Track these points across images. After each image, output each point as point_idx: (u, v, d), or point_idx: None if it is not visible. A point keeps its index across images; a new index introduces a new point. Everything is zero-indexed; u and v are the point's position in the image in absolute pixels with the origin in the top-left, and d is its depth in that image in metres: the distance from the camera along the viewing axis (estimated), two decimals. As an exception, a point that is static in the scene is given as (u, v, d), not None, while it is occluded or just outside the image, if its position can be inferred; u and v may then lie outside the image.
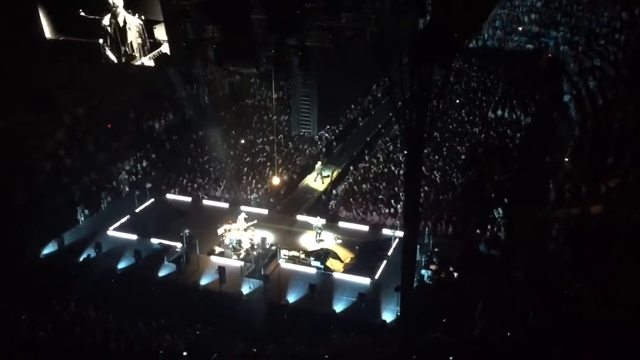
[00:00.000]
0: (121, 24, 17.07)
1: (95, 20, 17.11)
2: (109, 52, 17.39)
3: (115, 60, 17.32)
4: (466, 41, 32.80)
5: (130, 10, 17.10)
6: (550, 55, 43.16)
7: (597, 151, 24.82)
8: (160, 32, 17.35)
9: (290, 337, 17.69)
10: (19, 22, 22.03)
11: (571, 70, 37.94)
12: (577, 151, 26.75)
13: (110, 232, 24.56)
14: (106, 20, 17.12)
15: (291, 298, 20.56)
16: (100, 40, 17.21)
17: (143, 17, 17.05)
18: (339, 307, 20.10)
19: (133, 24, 17.14)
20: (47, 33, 17.88)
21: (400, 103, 15.85)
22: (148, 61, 17.51)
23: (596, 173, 22.70)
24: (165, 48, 17.46)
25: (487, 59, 43.10)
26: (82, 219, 25.39)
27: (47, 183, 26.22)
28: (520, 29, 47.40)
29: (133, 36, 17.31)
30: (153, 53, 17.41)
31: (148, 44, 17.45)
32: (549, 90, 37.55)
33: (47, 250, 23.18)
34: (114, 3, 17.23)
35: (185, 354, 15.33)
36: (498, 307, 17.88)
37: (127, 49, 17.45)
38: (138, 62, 17.52)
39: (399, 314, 19.26)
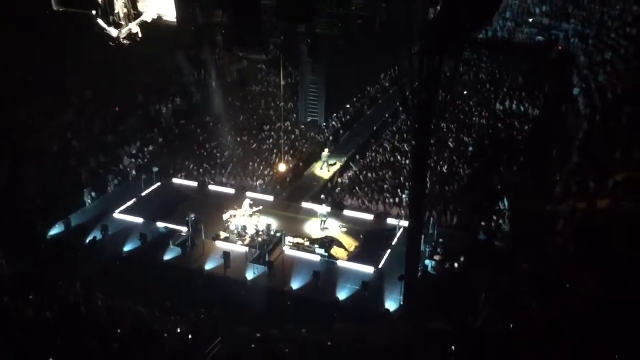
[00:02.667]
0: None
1: None
2: (99, 21, 18.43)
3: (106, 27, 18.45)
4: (476, 32, 32.53)
5: None
6: (560, 47, 42.86)
7: (604, 145, 24.70)
8: (142, 5, 18.67)
9: (293, 323, 17.79)
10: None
11: (581, 63, 37.68)
12: (585, 145, 26.63)
13: (117, 214, 24.71)
14: None
15: (295, 285, 20.68)
16: (93, 11, 18.24)
17: None
18: (342, 295, 20.22)
19: None
20: (53, 5, 18.83)
21: (408, 92, 15.81)
22: (135, 27, 18.62)
23: (603, 167, 22.61)
24: (145, 16, 18.61)
25: (497, 50, 42.84)
26: (89, 201, 25.53)
27: (55, 165, 26.32)
28: (530, 20, 47.04)
29: (119, 7, 18.51)
30: (137, 20, 18.52)
31: (132, 14, 18.72)
32: (558, 83, 37.30)
33: (54, 231, 23.35)
34: None
35: (189, 336, 15.45)
36: (501, 298, 17.92)
37: (114, 18, 18.60)
38: (125, 29, 18.65)
39: (402, 303, 19.36)
